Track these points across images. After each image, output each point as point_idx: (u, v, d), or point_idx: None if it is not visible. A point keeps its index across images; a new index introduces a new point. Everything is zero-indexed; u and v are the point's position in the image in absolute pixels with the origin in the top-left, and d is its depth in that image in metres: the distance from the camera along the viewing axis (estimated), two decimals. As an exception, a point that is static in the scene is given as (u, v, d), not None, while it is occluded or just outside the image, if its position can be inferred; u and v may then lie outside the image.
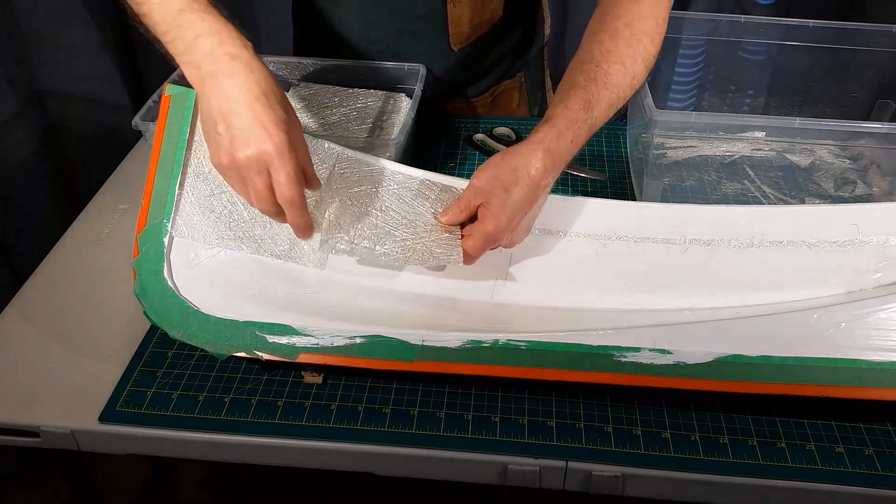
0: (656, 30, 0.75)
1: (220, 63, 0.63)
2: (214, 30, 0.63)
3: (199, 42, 0.63)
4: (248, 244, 0.73)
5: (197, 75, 0.64)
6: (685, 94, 1.17)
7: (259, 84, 0.63)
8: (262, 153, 0.62)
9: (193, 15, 0.64)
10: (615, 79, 0.72)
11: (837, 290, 0.73)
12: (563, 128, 0.69)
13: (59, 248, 0.85)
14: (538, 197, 0.70)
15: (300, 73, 0.99)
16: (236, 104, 0.62)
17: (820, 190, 0.88)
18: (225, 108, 0.62)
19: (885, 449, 0.64)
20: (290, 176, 0.63)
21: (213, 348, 0.67)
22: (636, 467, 0.63)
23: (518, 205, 0.68)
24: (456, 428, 0.66)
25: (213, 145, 0.64)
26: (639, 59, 0.73)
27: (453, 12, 0.94)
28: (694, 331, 0.66)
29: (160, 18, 0.65)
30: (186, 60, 0.64)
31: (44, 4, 1.14)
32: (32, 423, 0.67)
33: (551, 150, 0.69)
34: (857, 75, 1.00)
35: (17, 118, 1.13)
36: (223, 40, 0.63)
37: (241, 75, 0.62)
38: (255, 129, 0.61)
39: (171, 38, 0.65)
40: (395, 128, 0.92)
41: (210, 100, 0.63)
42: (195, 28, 0.63)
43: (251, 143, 0.62)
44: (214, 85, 0.63)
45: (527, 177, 0.68)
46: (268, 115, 0.62)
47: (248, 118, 0.62)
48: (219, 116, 0.63)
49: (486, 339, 0.65)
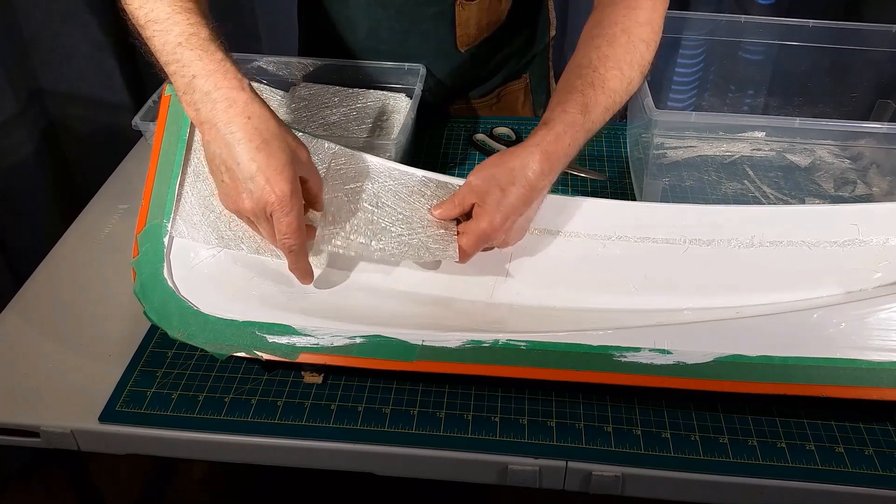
0: (652, 36, 0.75)
1: (216, 110, 0.62)
2: (210, 70, 0.63)
3: (195, 83, 0.63)
4: (248, 244, 0.73)
5: (196, 118, 0.64)
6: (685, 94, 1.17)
7: (259, 131, 0.62)
8: (266, 204, 0.63)
9: (191, 52, 0.63)
10: (612, 84, 0.72)
11: (837, 290, 0.73)
12: (561, 131, 0.69)
13: (58, 248, 0.85)
14: (534, 198, 0.70)
15: (300, 73, 0.99)
16: (238, 155, 0.62)
17: (820, 190, 0.88)
18: (227, 158, 0.63)
19: (885, 449, 0.64)
20: (290, 226, 0.64)
21: (213, 348, 0.67)
22: (636, 467, 0.63)
23: (513, 205, 0.68)
24: (456, 428, 0.66)
25: (220, 189, 0.66)
26: (635, 65, 0.73)
27: (461, 14, 0.94)
28: (694, 331, 0.66)
29: (160, 48, 0.64)
30: (186, 100, 0.64)
31: (44, 5, 1.14)
32: (32, 422, 0.67)
33: (549, 152, 0.69)
34: (857, 75, 1.00)
35: (17, 118, 1.13)
36: (219, 83, 0.62)
37: (240, 125, 0.62)
38: (257, 182, 0.62)
39: (172, 72, 0.64)
40: (395, 128, 0.92)
41: (211, 146, 0.64)
42: (192, 67, 0.63)
43: (254, 195, 0.63)
44: (213, 132, 0.63)
45: (523, 178, 0.68)
46: (270, 166, 0.62)
47: (250, 170, 0.62)
48: (221, 164, 0.64)
49: (486, 339, 0.65)
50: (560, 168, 0.70)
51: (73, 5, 1.16)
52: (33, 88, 1.18)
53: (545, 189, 0.71)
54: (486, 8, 0.95)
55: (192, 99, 0.63)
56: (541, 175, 0.69)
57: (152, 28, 0.64)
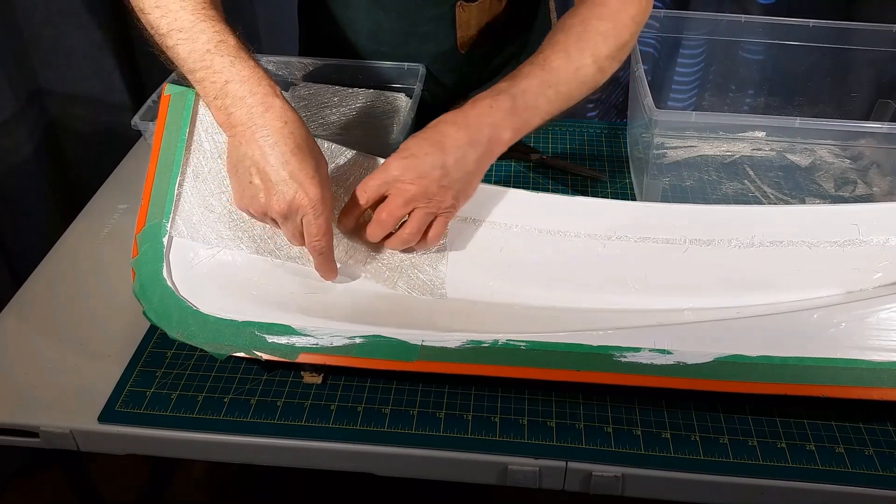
0: (612, 32, 0.74)
1: (252, 114, 0.63)
2: (244, 76, 0.64)
3: (229, 88, 0.64)
4: (248, 244, 0.73)
5: (227, 122, 0.64)
6: (685, 94, 1.17)
7: (293, 136, 0.64)
8: (297, 207, 0.64)
9: (223, 58, 0.64)
10: (555, 63, 0.72)
11: (837, 290, 0.73)
12: (480, 97, 0.70)
13: (58, 248, 0.85)
14: (440, 145, 0.68)
15: (300, 73, 0.99)
16: (272, 157, 0.63)
17: (820, 190, 0.88)
18: (259, 160, 0.63)
19: (885, 449, 0.64)
20: (321, 229, 0.66)
21: (213, 348, 0.66)
22: (636, 467, 0.63)
23: (415, 148, 0.68)
24: (456, 428, 0.66)
25: (245, 192, 0.66)
26: (586, 52, 0.73)
27: (461, 15, 0.94)
28: (694, 331, 0.66)
29: (186, 55, 0.65)
30: (216, 105, 0.65)
31: (44, 4, 1.14)
32: (31, 423, 0.67)
33: (464, 112, 0.69)
34: (857, 75, 1.00)
35: (17, 118, 1.13)
36: (254, 89, 0.64)
37: (275, 128, 0.63)
38: (291, 185, 0.63)
39: (199, 79, 0.65)
40: (395, 128, 0.92)
41: (243, 148, 0.64)
42: (224, 73, 0.64)
43: (287, 199, 0.64)
44: (247, 135, 0.64)
45: (424, 132, 0.69)
46: (303, 170, 0.63)
47: (284, 174, 0.63)
48: (252, 166, 0.64)
49: (485, 339, 0.65)
50: (476, 126, 0.69)
51: (73, 5, 1.16)
52: (33, 88, 1.18)
53: (457, 141, 0.68)
54: (486, 9, 0.95)
55: (223, 104, 0.64)
56: (441, 125, 0.69)
57: (176, 37, 0.65)
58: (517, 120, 0.70)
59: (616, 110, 1.68)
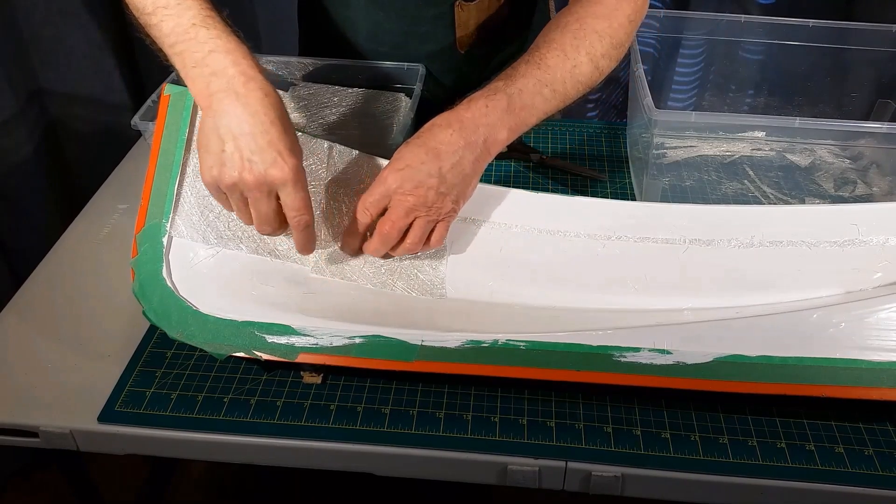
0: (608, 31, 0.74)
1: (234, 82, 0.62)
2: (230, 48, 0.63)
3: (212, 57, 0.63)
4: (248, 244, 0.73)
5: (206, 90, 0.63)
6: (685, 94, 1.17)
7: (274, 108, 0.63)
8: (274, 178, 0.62)
9: (208, 31, 0.64)
10: (551, 61, 0.72)
11: (837, 290, 0.73)
12: (475, 97, 0.70)
13: (58, 248, 0.85)
14: (435, 151, 0.67)
15: (300, 73, 0.99)
16: (252, 126, 0.62)
17: (820, 190, 0.88)
18: (236, 129, 0.62)
19: (885, 449, 0.64)
20: (304, 201, 0.64)
21: (212, 348, 0.66)
22: (636, 467, 0.63)
23: (409, 158, 0.67)
24: (455, 428, 0.66)
25: (214, 161, 0.63)
26: (582, 50, 0.73)
27: (461, 14, 0.94)
28: (694, 331, 0.66)
29: (169, 30, 0.64)
30: (195, 74, 0.63)
31: (44, 4, 1.13)
32: (31, 423, 0.67)
33: (458, 113, 0.69)
34: (857, 75, 1.00)
35: (17, 118, 1.13)
36: (238, 60, 0.63)
37: (256, 98, 0.62)
38: (270, 153, 0.62)
39: (181, 50, 0.64)
40: (395, 128, 0.92)
41: (220, 117, 0.63)
42: (209, 44, 0.63)
43: (266, 167, 0.62)
44: (228, 103, 0.62)
45: (418, 139, 0.69)
46: (283, 141, 0.62)
47: (263, 142, 0.62)
48: (228, 135, 0.62)
49: (485, 339, 0.65)
50: (471, 126, 0.68)
51: (72, 5, 1.16)
52: (33, 88, 1.18)
53: (452, 145, 0.68)
54: (485, 9, 0.95)
55: (201, 72, 0.63)
56: (436, 128, 0.68)
57: (162, 13, 0.64)
58: (513, 119, 0.70)
59: (616, 110, 1.68)
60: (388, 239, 0.69)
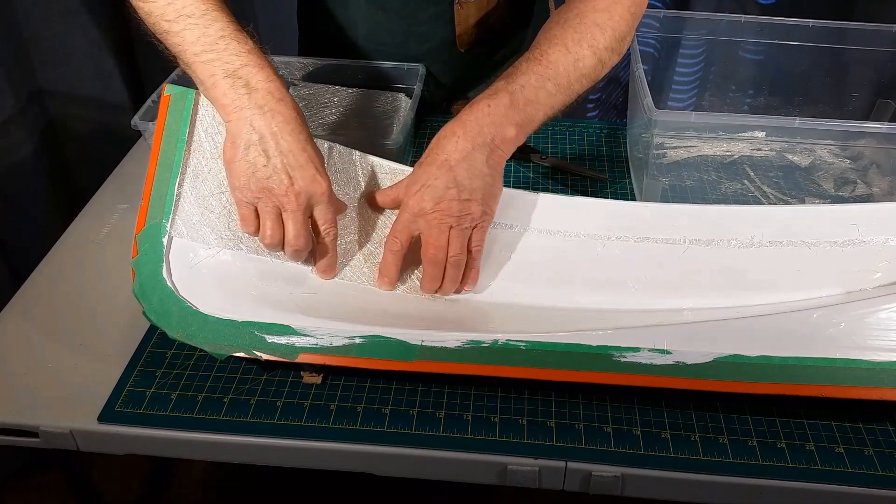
0: (609, 24, 0.74)
1: (268, 99, 0.65)
2: (262, 64, 0.66)
3: (245, 72, 0.65)
4: (248, 244, 0.73)
5: (237, 102, 0.65)
6: (685, 94, 1.17)
7: (305, 127, 0.67)
8: (314, 193, 0.66)
9: (239, 45, 0.66)
10: (552, 56, 0.72)
11: (837, 290, 0.73)
12: (477, 99, 0.70)
13: (58, 248, 0.85)
14: (445, 164, 0.69)
15: (300, 73, 0.99)
16: (291, 144, 0.65)
17: (820, 190, 0.88)
18: (281, 143, 0.65)
19: (885, 449, 0.64)
20: (335, 215, 0.69)
21: (213, 348, 0.66)
22: (636, 467, 0.63)
23: (420, 174, 0.69)
24: (455, 428, 0.66)
25: (255, 174, 0.65)
26: (584, 44, 0.73)
27: (460, 13, 0.94)
28: (694, 331, 0.66)
29: (195, 39, 0.65)
30: (226, 84, 0.65)
31: (44, 4, 1.13)
32: (31, 423, 0.66)
33: (462, 119, 0.70)
34: (857, 75, 1.00)
35: (17, 118, 1.13)
36: (270, 76, 0.66)
37: (291, 117, 0.65)
38: (310, 170, 0.65)
39: (208, 59, 0.65)
40: (395, 128, 0.92)
41: (258, 129, 0.65)
42: (242, 58, 0.65)
43: (306, 182, 0.65)
44: (266, 119, 0.65)
45: (427, 156, 0.70)
46: (317, 160, 0.66)
47: (303, 159, 0.65)
48: (272, 150, 0.65)
49: (485, 339, 0.65)
50: (477, 130, 0.69)
51: (72, 5, 1.16)
52: (33, 88, 1.18)
53: (465, 152, 0.69)
54: (484, 6, 0.95)
55: (234, 84, 0.65)
56: (452, 137, 0.69)
57: (186, 22, 0.66)
58: (519, 115, 0.70)
59: (616, 110, 1.68)
60: (437, 261, 0.70)
